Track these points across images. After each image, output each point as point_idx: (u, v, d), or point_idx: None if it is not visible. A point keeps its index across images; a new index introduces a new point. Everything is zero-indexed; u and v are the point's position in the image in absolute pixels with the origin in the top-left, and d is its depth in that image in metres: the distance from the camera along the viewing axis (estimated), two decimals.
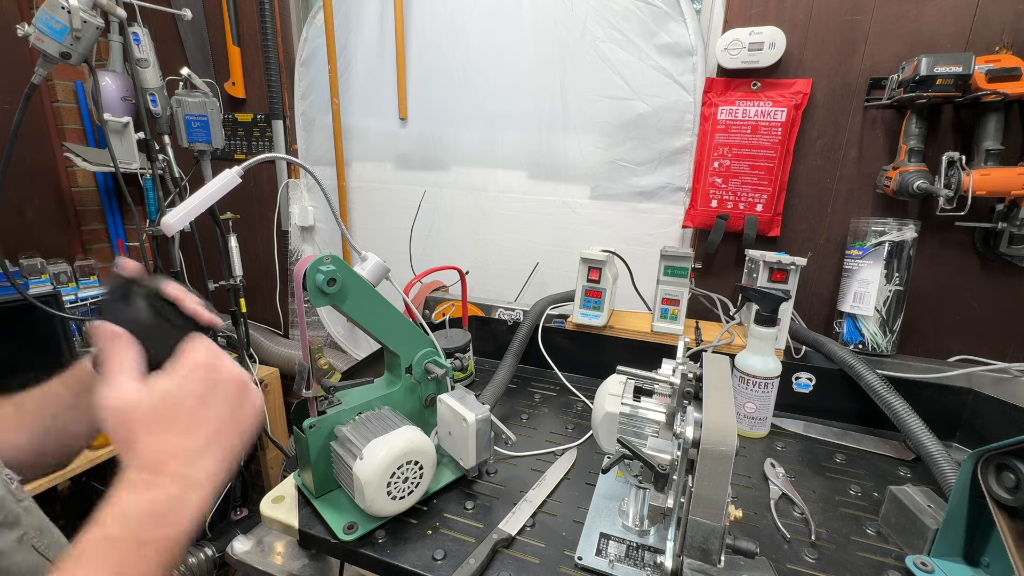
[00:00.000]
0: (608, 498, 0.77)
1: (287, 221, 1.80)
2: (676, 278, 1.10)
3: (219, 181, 0.67)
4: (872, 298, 1.06)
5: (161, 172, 1.36)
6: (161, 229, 0.67)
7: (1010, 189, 0.96)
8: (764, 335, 0.90)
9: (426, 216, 1.59)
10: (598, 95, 1.32)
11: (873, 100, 1.09)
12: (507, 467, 0.86)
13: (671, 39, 1.21)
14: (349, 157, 1.66)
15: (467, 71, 1.44)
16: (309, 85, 1.65)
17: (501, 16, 1.37)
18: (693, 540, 0.49)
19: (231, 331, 1.65)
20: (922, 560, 0.64)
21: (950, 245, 1.10)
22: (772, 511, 0.75)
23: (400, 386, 0.81)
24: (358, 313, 0.74)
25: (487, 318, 1.29)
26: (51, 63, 1.06)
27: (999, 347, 1.10)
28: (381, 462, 0.66)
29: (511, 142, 1.44)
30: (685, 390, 0.61)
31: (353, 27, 1.53)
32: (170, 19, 1.56)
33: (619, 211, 1.37)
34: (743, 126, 1.18)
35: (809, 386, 1.04)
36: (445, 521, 0.73)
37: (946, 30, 1.02)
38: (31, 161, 1.87)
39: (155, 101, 1.32)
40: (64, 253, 1.93)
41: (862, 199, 1.15)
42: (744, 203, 1.22)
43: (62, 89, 1.91)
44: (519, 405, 1.08)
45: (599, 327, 1.14)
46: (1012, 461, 0.58)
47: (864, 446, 0.94)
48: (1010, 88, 0.92)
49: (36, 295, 1.38)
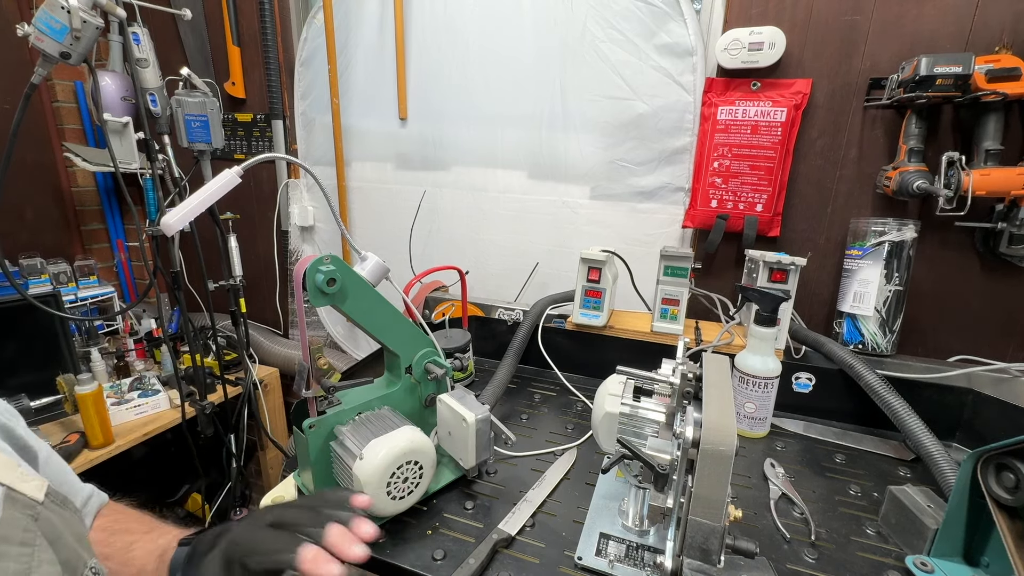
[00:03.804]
0: (608, 498, 0.77)
1: (287, 221, 1.80)
2: (676, 278, 1.10)
3: (219, 181, 0.67)
4: (872, 298, 1.06)
5: (161, 172, 1.36)
6: (161, 229, 0.67)
7: (1010, 189, 0.96)
8: (764, 335, 0.90)
9: (426, 216, 1.59)
10: (598, 95, 1.31)
11: (873, 100, 1.09)
12: (507, 467, 0.86)
13: (671, 39, 1.21)
14: (349, 157, 1.66)
15: (467, 71, 1.44)
16: (309, 85, 1.65)
17: (501, 16, 1.37)
18: (693, 540, 0.49)
19: (231, 331, 1.65)
20: (922, 560, 0.64)
21: (950, 245, 1.10)
22: (772, 511, 0.75)
23: (400, 386, 0.81)
24: (358, 313, 0.74)
25: (487, 318, 1.29)
26: (51, 63, 1.06)
27: (999, 347, 1.10)
28: (381, 462, 0.66)
29: (511, 142, 1.44)
30: (685, 390, 0.61)
31: (353, 27, 1.53)
32: (170, 19, 1.56)
33: (619, 211, 1.37)
34: (743, 126, 1.18)
35: (809, 386, 1.04)
36: (445, 521, 0.73)
37: (946, 30, 1.02)
38: (31, 161, 1.87)
39: (155, 101, 1.31)
40: (64, 253, 1.93)
41: (862, 199, 1.15)
42: (744, 203, 1.22)
43: (62, 89, 1.91)
44: (519, 405, 1.08)
45: (599, 327, 1.14)
46: (1012, 461, 0.58)
47: (864, 446, 0.94)
48: (1010, 88, 0.92)
49: (36, 295, 1.38)
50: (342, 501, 0.49)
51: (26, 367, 1.48)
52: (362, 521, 0.46)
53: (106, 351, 1.71)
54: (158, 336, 1.86)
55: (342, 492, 0.51)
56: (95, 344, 1.70)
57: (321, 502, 0.49)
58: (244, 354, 1.60)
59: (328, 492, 0.52)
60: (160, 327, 1.81)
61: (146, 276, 2.16)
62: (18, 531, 0.39)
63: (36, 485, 0.43)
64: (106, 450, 1.36)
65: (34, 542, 0.40)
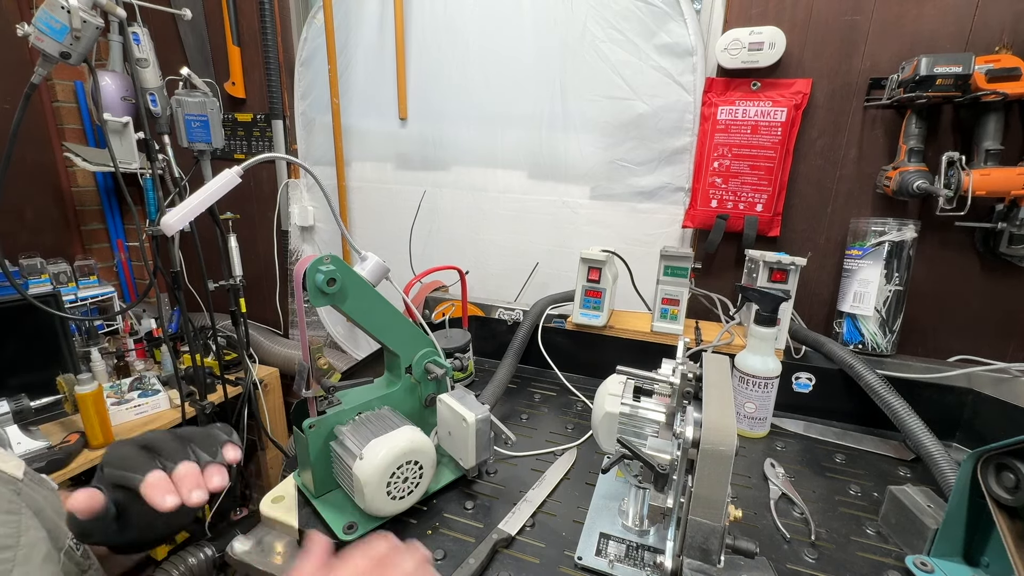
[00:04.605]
0: (608, 498, 0.77)
1: (287, 221, 1.80)
2: (676, 278, 1.10)
3: (219, 181, 0.67)
4: (872, 298, 1.06)
5: (161, 172, 1.36)
6: (161, 229, 0.67)
7: (1010, 189, 0.96)
8: (764, 335, 0.90)
9: (426, 216, 1.59)
10: (598, 95, 1.32)
11: (873, 100, 1.09)
12: (507, 467, 0.86)
13: (671, 39, 1.21)
14: (349, 157, 1.66)
15: (467, 71, 1.44)
16: (309, 85, 1.65)
17: (501, 16, 1.37)
18: (693, 540, 0.49)
19: (231, 331, 1.65)
20: (922, 560, 0.64)
21: (950, 245, 1.10)
22: (772, 511, 0.75)
23: (400, 386, 0.81)
24: (358, 313, 0.73)
25: (487, 318, 1.29)
26: (51, 63, 1.06)
27: (999, 347, 1.10)
28: (381, 462, 0.65)
29: (511, 142, 1.44)
30: (685, 390, 0.61)
31: (353, 27, 1.53)
32: (170, 19, 1.56)
33: (619, 211, 1.37)
34: (743, 126, 1.18)
35: (809, 386, 1.04)
36: (445, 521, 0.73)
37: (946, 30, 1.02)
38: (31, 161, 1.87)
39: (155, 101, 1.31)
40: (64, 253, 1.93)
41: (862, 199, 1.15)
42: (744, 203, 1.22)
43: (62, 89, 1.91)
44: (519, 405, 1.08)
45: (599, 327, 1.14)
46: (1012, 461, 0.58)
47: (864, 446, 0.94)
48: (1010, 88, 0.92)
49: (36, 295, 1.38)
50: (213, 443, 0.51)
51: (26, 367, 1.48)
52: (217, 469, 0.48)
53: (106, 351, 1.72)
54: (158, 336, 1.86)
55: (219, 435, 0.52)
56: (95, 344, 1.70)
57: (197, 435, 0.51)
58: (244, 354, 1.60)
59: (210, 429, 0.53)
60: (160, 327, 1.82)
61: (146, 276, 2.16)
62: (3, 502, 0.40)
63: (15, 464, 0.45)
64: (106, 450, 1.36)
65: (19, 511, 0.41)
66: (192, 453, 0.49)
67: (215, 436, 0.52)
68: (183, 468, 0.47)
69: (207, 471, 0.48)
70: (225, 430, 0.54)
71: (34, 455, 1.25)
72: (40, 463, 1.23)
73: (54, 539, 0.44)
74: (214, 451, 0.50)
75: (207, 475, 0.47)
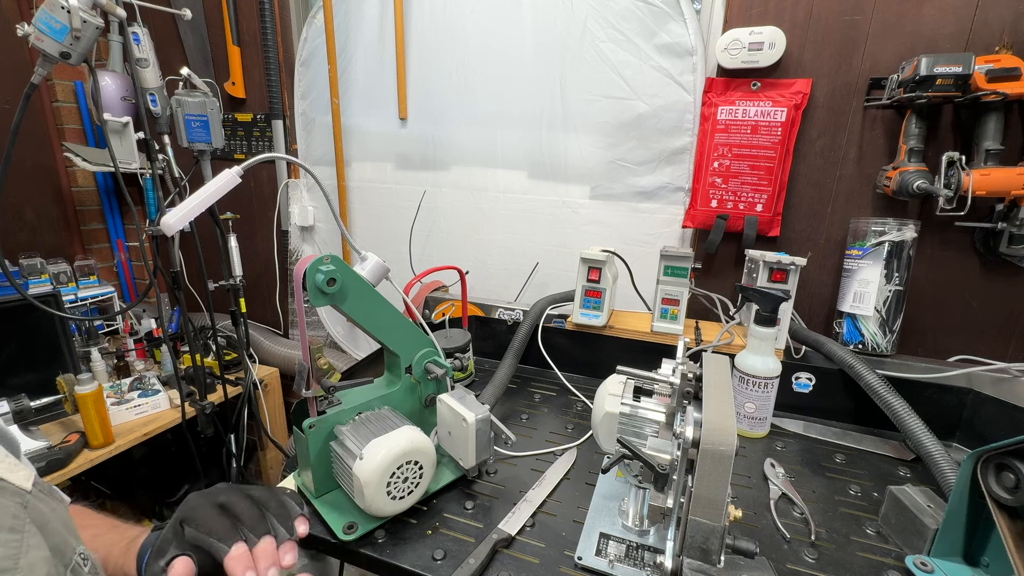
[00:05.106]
0: (608, 498, 0.77)
1: (287, 221, 1.80)
2: (676, 278, 1.10)
3: (219, 181, 0.67)
4: (872, 298, 1.06)
5: (161, 172, 1.36)
6: (161, 229, 0.67)
7: (1010, 189, 0.96)
8: (764, 335, 0.90)
9: (426, 216, 1.59)
10: (598, 95, 1.31)
11: (873, 100, 1.09)
12: (507, 467, 0.86)
13: (671, 39, 1.21)
14: (349, 157, 1.66)
15: (467, 71, 1.44)
16: (309, 85, 1.65)
17: (501, 16, 1.37)
18: (693, 540, 0.49)
19: (231, 331, 1.64)
20: (922, 560, 0.64)
21: (950, 245, 1.10)
22: (772, 511, 0.75)
23: (400, 386, 0.81)
24: (358, 313, 0.73)
25: (487, 318, 1.29)
26: (51, 63, 1.06)
27: (999, 347, 1.10)
28: (381, 462, 0.66)
29: (511, 142, 1.44)
30: (685, 390, 0.61)
31: (353, 27, 1.53)
32: (170, 19, 1.56)
33: (619, 211, 1.37)
34: (743, 126, 1.18)
35: (809, 386, 1.04)
36: (445, 521, 0.73)
37: (946, 30, 1.02)
38: (31, 161, 1.87)
39: (155, 101, 1.31)
40: (64, 253, 1.93)
41: (862, 199, 1.15)
42: (744, 203, 1.22)
43: (62, 89, 1.91)
44: (519, 405, 1.08)
45: (599, 327, 1.14)
46: (1012, 461, 0.58)
47: (864, 446, 0.94)
48: (1010, 88, 0.92)
49: (36, 295, 1.38)
50: (289, 515, 0.53)
51: (26, 367, 1.48)
52: (290, 547, 0.50)
53: (106, 351, 1.71)
54: (158, 336, 1.86)
55: (292, 506, 0.54)
56: (95, 344, 1.70)
57: (272, 504, 0.53)
58: (244, 354, 1.60)
59: (282, 497, 0.55)
60: (160, 327, 1.81)
61: (146, 276, 2.16)
62: (7, 518, 0.40)
63: (24, 475, 0.44)
64: (106, 450, 1.36)
65: (23, 529, 0.41)
66: (269, 526, 0.50)
67: (289, 508, 0.53)
68: (264, 545, 0.49)
69: (282, 548, 0.50)
70: (295, 499, 0.55)
71: (34, 455, 1.25)
72: (40, 463, 1.22)
73: (59, 555, 0.43)
74: (289, 525, 0.52)
75: (281, 552, 0.49)
